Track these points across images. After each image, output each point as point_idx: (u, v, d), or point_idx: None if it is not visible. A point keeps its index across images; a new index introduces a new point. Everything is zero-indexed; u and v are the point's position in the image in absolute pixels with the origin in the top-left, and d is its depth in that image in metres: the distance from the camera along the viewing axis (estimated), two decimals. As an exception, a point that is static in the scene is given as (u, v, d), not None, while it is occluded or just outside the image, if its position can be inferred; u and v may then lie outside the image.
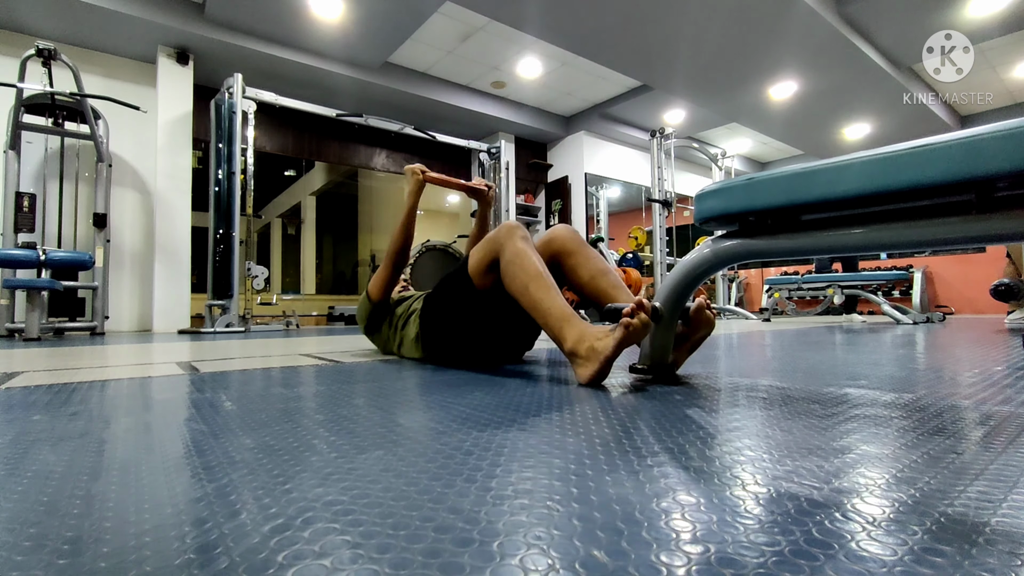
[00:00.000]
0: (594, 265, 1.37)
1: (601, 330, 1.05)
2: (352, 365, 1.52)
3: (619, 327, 0.99)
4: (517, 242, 1.27)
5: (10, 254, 3.48)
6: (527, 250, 1.25)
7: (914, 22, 4.65)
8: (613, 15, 4.31)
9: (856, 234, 0.85)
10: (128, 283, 4.71)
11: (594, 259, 1.39)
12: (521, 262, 1.23)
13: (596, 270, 1.36)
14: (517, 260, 1.24)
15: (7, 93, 3.89)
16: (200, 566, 0.32)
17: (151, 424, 0.76)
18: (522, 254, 1.24)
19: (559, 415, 0.77)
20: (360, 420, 0.75)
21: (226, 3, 4.29)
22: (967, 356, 1.68)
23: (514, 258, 1.24)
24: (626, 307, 1.00)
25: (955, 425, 0.69)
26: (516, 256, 1.24)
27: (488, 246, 1.33)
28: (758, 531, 0.37)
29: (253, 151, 4.68)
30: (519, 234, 1.29)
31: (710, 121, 7.19)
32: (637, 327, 0.98)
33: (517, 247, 1.26)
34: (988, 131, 0.67)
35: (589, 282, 1.36)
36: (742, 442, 0.61)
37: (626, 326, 0.98)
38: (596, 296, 1.34)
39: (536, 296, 1.18)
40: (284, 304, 5.85)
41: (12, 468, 0.54)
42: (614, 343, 1.00)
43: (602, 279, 1.34)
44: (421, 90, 5.83)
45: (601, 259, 1.40)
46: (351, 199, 10.46)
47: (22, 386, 1.16)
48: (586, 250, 1.40)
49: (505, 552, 0.34)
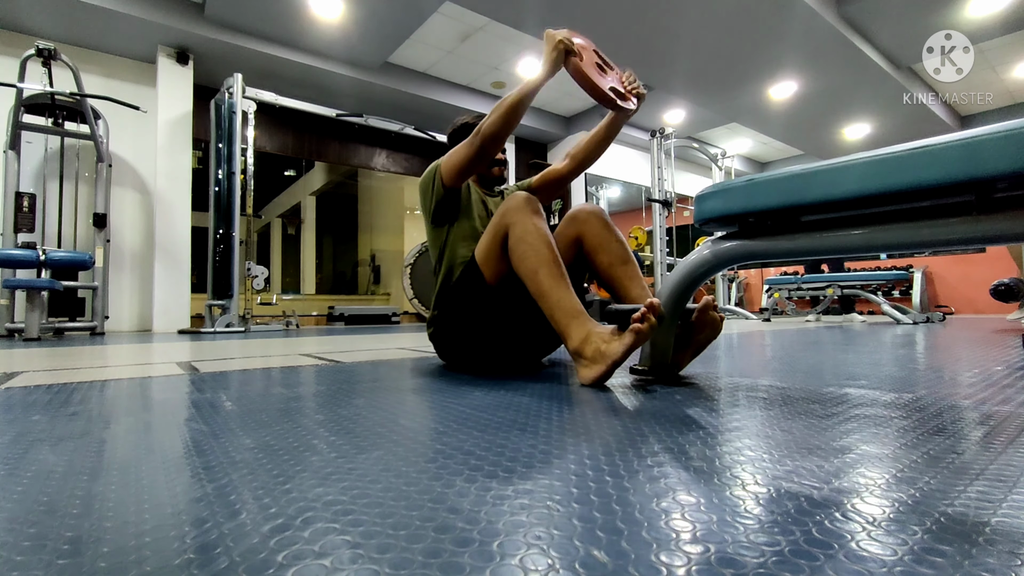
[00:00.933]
0: (615, 251, 1.30)
1: (608, 331, 1.03)
2: (352, 365, 1.52)
3: (629, 332, 0.97)
4: (530, 217, 1.15)
5: (10, 254, 3.48)
6: (541, 228, 1.14)
7: (914, 22, 4.65)
8: (613, 15, 4.31)
9: (856, 235, 0.85)
10: (128, 283, 4.71)
11: (616, 244, 1.31)
12: (533, 241, 1.12)
13: (617, 257, 1.29)
14: (528, 238, 1.13)
15: (7, 93, 3.89)
16: (200, 566, 0.32)
17: (151, 424, 0.76)
18: (534, 233, 1.13)
19: (559, 415, 0.77)
20: (360, 420, 0.75)
21: (226, 3, 4.29)
22: (967, 356, 1.68)
23: (525, 235, 1.13)
24: (635, 311, 0.98)
25: (955, 425, 0.69)
26: (527, 234, 1.13)
27: (496, 222, 1.21)
28: (758, 531, 0.37)
29: (253, 151, 4.67)
30: (531, 207, 1.17)
31: (710, 121, 7.18)
32: (646, 332, 0.96)
33: (529, 223, 1.14)
34: (988, 132, 0.67)
35: (607, 268, 1.30)
36: (742, 442, 0.61)
37: (636, 332, 0.95)
38: (611, 284, 1.30)
39: (546, 284, 1.10)
40: (284, 304, 5.85)
41: (12, 468, 0.54)
42: (623, 348, 0.97)
43: (620, 268, 1.29)
44: (421, 90, 5.83)
45: (624, 246, 1.32)
46: (351, 199, 10.46)
47: (22, 386, 1.16)
48: (609, 233, 1.31)
49: (505, 552, 0.34)
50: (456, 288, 1.33)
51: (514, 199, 1.18)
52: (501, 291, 1.24)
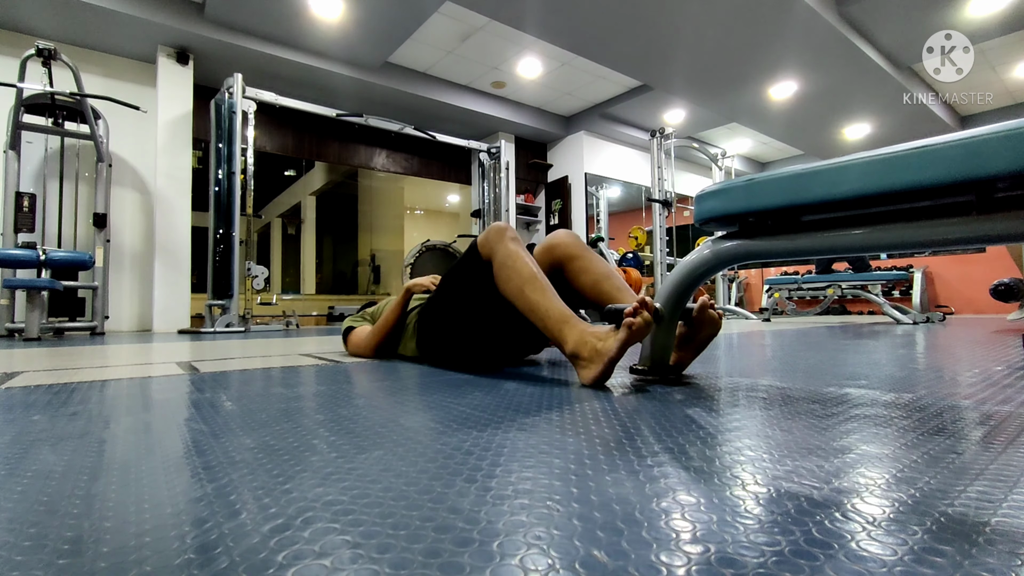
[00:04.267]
0: (597, 269, 1.36)
1: (602, 331, 1.05)
2: (352, 365, 1.52)
3: (622, 328, 0.98)
4: (508, 244, 1.25)
5: (10, 254, 3.48)
6: (519, 251, 1.23)
7: (914, 22, 4.65)
8: (613, 15, 4.31)
9: (856, 235, 0.85)
10: (128, 283, 4.71)
11: (596, 263, 1.37)
12: (514, 264, 1.21)
13: (599, 274, 1.34)
14: (509, 262, 1.22)
15: (7, 93, 3.89)
16: (200, 566, 0.32)
17: (151, 424, 0.76)
18: (514, 256, 1.22)
19: (559, 415, 0.77)
20: (360, 420, 0.75)
21: (226, 3, 4.29)
22: (967, 356, 1.68)
23: (506, 260, 1.22)
24: (627, 307, 0.99)
25: (955, 425, 0.69)
26: (508, 258, 1.22)
27: (480, 242, 1.32)
28: (758, 531, 0.37)
29: (253, 151, 4.67)
30: (508, 235, 1.27)
31: (710, 121, 7.18)
32: (640, 325, 0.97)
33: (508, 249, 1.24)
34: (988, 132, 0.67)
35: (593, 287, 1.34)
36: (742, 442, 0.61)
37: (629, 326, 0.97)
38: (600, 300, 1.32)
39: (532, 298, 1.16)
40: (284, 304, 5.85)
41: (12, 468, 0.54)
42: (617, 344, 0.99)
43: (606, 283, 1.33)
44: (421, 90, 5.83)
45: (604, 262, 1.38)
46: (351, 199, 10.46)
47: (22, 386, 1.16)
48: (588, 254, 1.38)
49: (505, 552, 0.34)
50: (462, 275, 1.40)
51: (492, 229, 1.29)
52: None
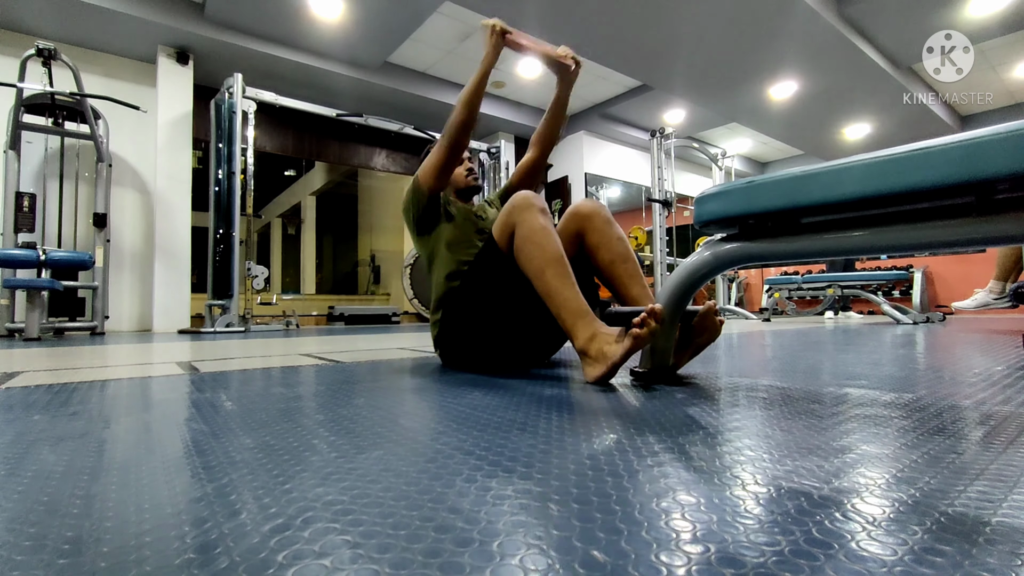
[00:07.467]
0: (616, 249, 1.30)
1: (614, 333, 1.05)
2: (352, 365, 1.52)
3: (628, 337, 0.99)
4: (536, 216, 1.15)
5: (10, 254, 3.48)
6: (547, 227, 1.14)
7: (914, 22, 4.65)
8: (613, 15, 4.31)
9: (856, 236, 0.85)
10: (128, 283, 4.71)
11: (616, 242, 1.31)
12: (539, 240, 1.13)
13: (617, 255, 1.30)
14: (535, 238, 1.14)
15: (7, 93, 3.89)
16: (200, 566, 0.32)
17: (151, 424, 0.76)
18: (540, 232, 1.14)
19: (559, 415, 0.77)
20: (360, 420, 0.75)
21: (226, 3, 4.29)
22: (967, 356, 1.67)
23: (531, 235, 1.14)
24: (636, 315, 0.99)
25: (955, 425, 0.69)
26: (534, 233, 1.14)
27: (503, 220, 1.22)
28: (758, 531, 0.37)
29: (253, 151, 4.67)
30: (538, 207, 1.17)
31: (710, 121, 7.18)
32: (645, 336, 0.97)
33: (535, 223, 1.15)
34: (988, 133, 0.67)
35: (608, 266, 1.30)
36: (742, 442, 0.61)
37: (635, 337, 0.97)
38: (611, 281, 1.31)
39: (553, 284, 1.11)
40: (284, 304, 5.85)
41: (12, 468, 0.54)
42: (622, 351, 1.00)
43: (621, 266, 1.29)
44: (421, 90, 5.83)
45: (625, 243, 1.32)
46: (351, 199, 10.46)
47: (22, 386, 1.16)
48: (610, 230, 1.31)
49: (505, 552, 0.34)
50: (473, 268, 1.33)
51: (519, 197, 1.20)
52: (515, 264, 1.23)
